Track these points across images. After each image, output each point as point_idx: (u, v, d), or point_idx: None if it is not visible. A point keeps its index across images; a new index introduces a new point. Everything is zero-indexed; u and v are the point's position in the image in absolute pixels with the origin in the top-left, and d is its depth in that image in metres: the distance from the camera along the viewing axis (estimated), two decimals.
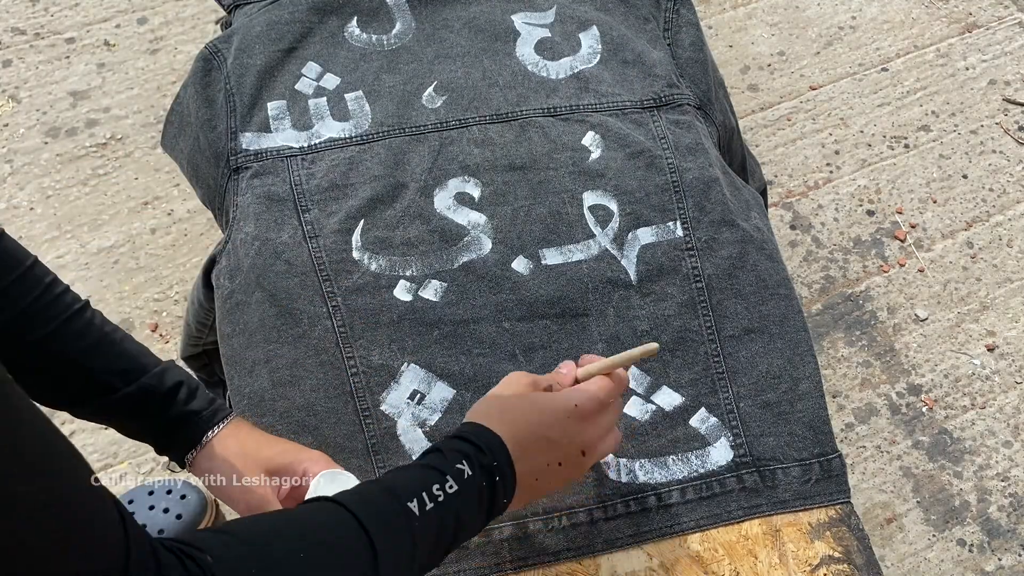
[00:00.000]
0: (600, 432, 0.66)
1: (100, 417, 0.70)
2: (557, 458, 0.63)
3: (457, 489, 0.56)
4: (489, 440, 0.60)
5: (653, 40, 1.02)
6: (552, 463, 0.63)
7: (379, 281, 0.83)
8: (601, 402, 0.65)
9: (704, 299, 0.85)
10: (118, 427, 0.71)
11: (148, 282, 1.48)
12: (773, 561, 0.74)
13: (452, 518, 0.56)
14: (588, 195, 0.89)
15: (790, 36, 1.85)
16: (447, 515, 0.56)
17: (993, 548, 1.31)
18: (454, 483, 0.57)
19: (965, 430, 1.41)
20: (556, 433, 0.63)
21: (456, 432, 0.61)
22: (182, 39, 1.76)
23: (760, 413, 0.81)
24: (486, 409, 0.64)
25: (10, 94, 1.67)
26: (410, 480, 0.57)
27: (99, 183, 1.58)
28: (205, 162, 0.94)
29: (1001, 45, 1.86)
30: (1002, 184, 1.67)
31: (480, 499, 0.58)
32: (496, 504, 0.60)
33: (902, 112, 1.76)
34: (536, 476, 0.62)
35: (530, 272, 0.85)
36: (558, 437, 0.63)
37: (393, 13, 1.02)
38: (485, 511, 0.59)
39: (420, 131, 0.92)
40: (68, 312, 0.68)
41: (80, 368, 0.67)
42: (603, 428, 0.66)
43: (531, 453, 0.61)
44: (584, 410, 0.64)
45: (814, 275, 1.55)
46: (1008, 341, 1.49)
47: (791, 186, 1.65)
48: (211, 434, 0.71)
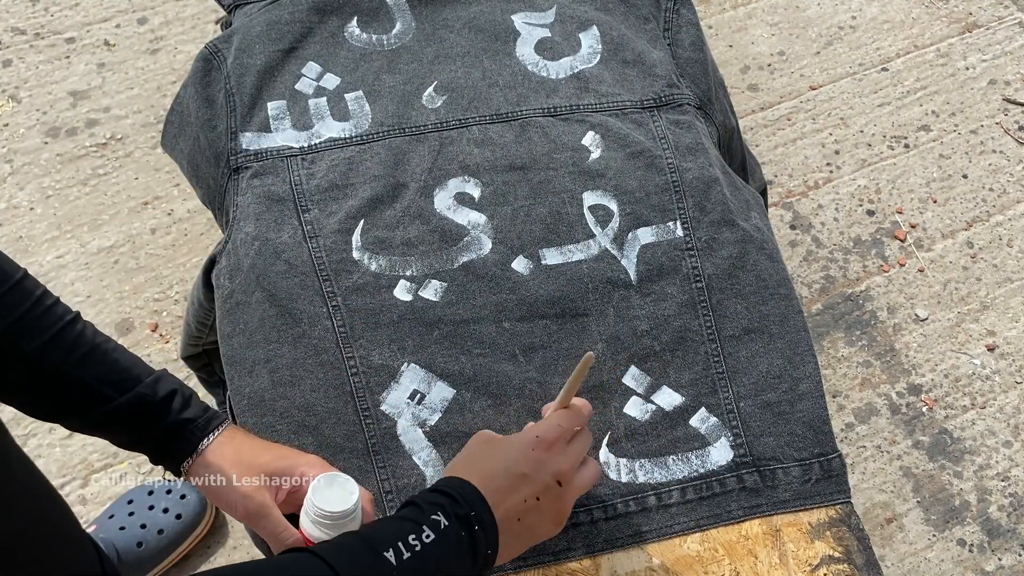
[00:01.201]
0: (571, 461, 0.66)
1: (94, 429, 0.70)
2: (533, 492, 0.63)
3: (434, 538, 0.56)
4: (464, 490, 0.61)
5: (653, 40, 1.02)
6: (529, 498, 0.63)
7: (379, 281, 0.83)
8: (562, 429, 0.66)
9: (704, 299, 0.85)
10: (112, 438, 0.71)
11: (148, 282, 1.48)
12: (773, 561, 0.74)
13: (432, 567, 0.56)
14: (588, 195, 0.89)
15: (790, 36, 1.85)
16: (427, 564, 0.56)
17: (993, 548, 1.31)
18: (431, 532, 0.57)
19: (965, 430, 1.41)
20: (526, 467, 0.63)
21: (432, 486, 0.62)
22: (182, 39, 1.76)
23: (760, 413, 0.81)
24: (456, 465, 0.66)
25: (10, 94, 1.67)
26: (386, 531, 0.57)
27: (99, 183, 1.58)
28: (205, 162, 0.94)
29: (1001, 45, 1.86)
30: (1002, 184, 1.67)
31: (460, 548, 0.58)
32: (479, 552, 0.59)
33: (902, 112, 1.76)
34: (518, 516, 0.62)
35: (530, 272, 0.85)
36: (529, 470, 0.63)
37: (393, 13, 1.02)
38: (469, 561, 0.59)
39: (420, 131, 0.92)
40: (60, 323, 0.67)
41: (73, 379, 0.67)
42: (573, 457, 0.66)
43: (506, 493, 0.62)
44: (547, 439, 0.65)
45: (814, 275, 1.55)
46: (1008, 341, 1.49)
47: (791, 186, 1.65)
48: (206, 442, 0.71)
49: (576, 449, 0.67)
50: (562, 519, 0.66)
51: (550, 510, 0.64)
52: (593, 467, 0.69)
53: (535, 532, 0.64)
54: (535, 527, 0.64)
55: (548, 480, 0.64)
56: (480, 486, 0.61)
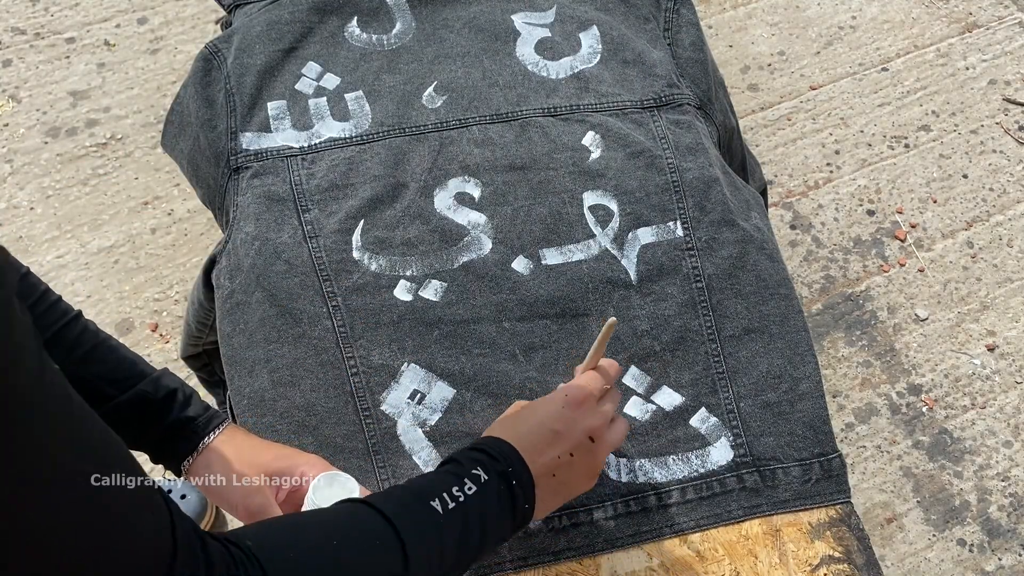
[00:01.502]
0: (601, 419, 0.68)
1: None
2: (567, 448, 0.65)
3: (476, 490, 0.59)
4: (501, 447, 0.63)
5: (653, 40, 1.02)
6: (563, 454, 0.65)
7: (379, 281, 0.83)
8: (590, 390, 0.68)
9: (704, 299, 0.85)
10: None
11: (148, 282, 1.48)
12: (773, 561, 0.74)
13: (476, 518, 0.58)
14: (588, 195, 0.89)
15: (790, 36, 1.85)
16: (471, 514, 0.58)
17: (993, 548, 1.31)
18: (472, 485, 0.59)
19: (965, 430, 1.41)
20: (558, 424, 0.66)
21: (470, 445, 0.65)
22: (182, 39, 1.76)
23: (760, 413, 0.81)
24: (493, 428, 0.68)
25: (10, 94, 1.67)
26: (430, 483, 0.59)
27: (99, 183, 1.58)
28: (205, 162, 0.94)
29: (1001, 45, 1.86)
30: (1002, 184, 1.67)
31: (499, 502, 0.60)
32: (518, 507, 0.61)
33: (902, 112, 1.76)
34: (553, 471, 0.64)
35: (530, 272, 0.85)
36: (561, 427, 0.65)
37: (393, 13, 1.02)
38: (509, 514, 0.61)
39: (420, 131, 0.92)
40: (63, 320, 0.68)
41: (74, 377, 0.67)
42: (603, 415, 0.68)
43: (541, 449, 0.64)
44: (576, 397, 0.67)
45: (814, 275, 1.55)
46: (1008, 341, 1.49)
47: (791, 186, 1.65)
48: (207, 440, 0.71)
49: (606, 407, 0.69)
50: (595, 474, 0.68)
51: (583, 465, 0.66)
52: (622, 424, 0.71)
53: (570, 487, 0.67)
54: (570, 482, 0.66)
55: (580, 436, 0.66)
56: (516, 444, 0.63)
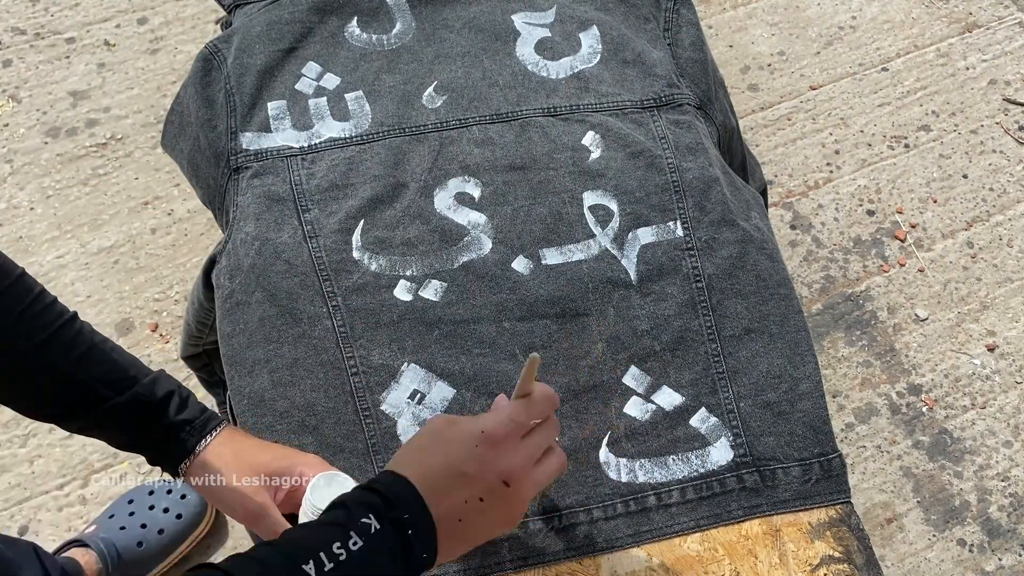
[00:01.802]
0: (522, 459, 0.60)
1: (91, 430, 0.70)
2: (476, 493, 0.58)
3: (362, 545, 0.52)
4: (399, 489, 0.56)
5: (653, 40, 1.02)
6: (471, 499, 0.58)
7: (379, 281, 0.83)
8: (513, 424, 0.60)
9: (704, 299, 0.85)
10: (108, 439, 0.71)
11: (148, 282, 1.48)
12: (773, 561, 0.74)
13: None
14: (588, 195, 0.89)
15: (790, 36, 1.85)
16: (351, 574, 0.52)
17: (993, 548, 1.31)
18: (359, 539, 0.52)
19: (965, 430, 1.41)
20: (469, 466, 0.58)
21: (368, 483, 0.58)
22: (182, 39, 1.76)
23: (760, 413, 0.81)
24: (399, 457, 0.61)
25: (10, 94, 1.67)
26: (308, 537, 0.53)
27: (99, 183, 1.58)
28: (205, 162, 0.94)
29: (1001, 45, 1.86)
30: (1002, 184, 1.67)
31: (392, 553, 0.54)
32: (413, 560, 0.55)
33: (902, 112, 1.75)
34: (459, 517, 0.57)
35: (530, 272, 0.85)
36: (472, 470, 0.58)
37: (393, 13, 1.02)
38: (402, 565, 0.54)
39: (420, 131, 0.92)
40: (59, 321, 0.67)
41: (72, 379, 0.67)
42: (524, 454, 0.60)
43: (444, 492, 0.57)
44: (494, 435, 0.59)
45: (814, 275, 1.55)
46: (1008, 341, 1.49)
47: (791, 186, 1.65)
48: (203, 443, 0.71)
49: (532, 444, 0.61)
50: (514, 519, 0.61)
51: (496, 511, 0.59)
52: (557, 458, 0.63)
53: (480, 532, 0.60)
54: (480, 527, 0.59)
55: (493, 481, 0.58)
56: (418, 483, 0.57)
